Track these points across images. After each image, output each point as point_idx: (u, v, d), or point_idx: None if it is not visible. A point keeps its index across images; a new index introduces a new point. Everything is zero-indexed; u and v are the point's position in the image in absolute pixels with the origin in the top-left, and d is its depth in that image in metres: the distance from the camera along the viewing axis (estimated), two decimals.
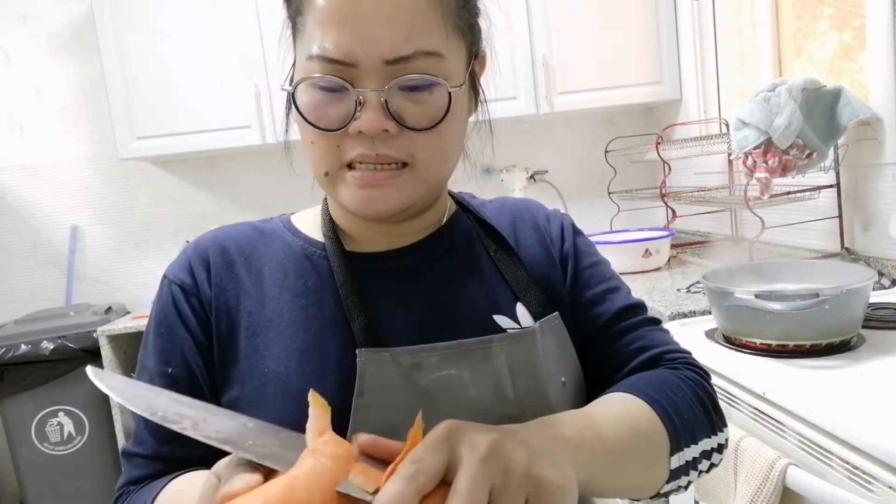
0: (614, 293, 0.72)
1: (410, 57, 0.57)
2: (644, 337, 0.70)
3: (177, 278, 0.67)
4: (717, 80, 2.56)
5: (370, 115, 0.57)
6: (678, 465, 0.60)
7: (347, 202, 0.61)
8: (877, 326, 1.31)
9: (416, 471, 0.39)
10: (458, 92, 0.61)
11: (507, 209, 0.76)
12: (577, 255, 0.73)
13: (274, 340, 0.63)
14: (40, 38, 2.85)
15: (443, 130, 0.60)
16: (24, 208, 2.93)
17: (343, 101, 0.58)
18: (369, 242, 0.69)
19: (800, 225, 1.96)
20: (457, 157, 0.67)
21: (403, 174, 0.60)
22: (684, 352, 0.71)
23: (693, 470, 0.62)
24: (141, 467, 0.64)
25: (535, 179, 3.00)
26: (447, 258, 0.69)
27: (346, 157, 0.60)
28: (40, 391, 2.54)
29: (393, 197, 0.60)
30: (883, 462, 0.85)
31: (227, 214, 2.98)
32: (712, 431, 0.64)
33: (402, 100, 0.58)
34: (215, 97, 2.59)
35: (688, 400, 0.63)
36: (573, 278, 0.71)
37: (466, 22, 0.63)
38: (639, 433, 0.58)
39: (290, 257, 0.68)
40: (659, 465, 0.59)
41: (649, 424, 0.59)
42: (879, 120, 1.65)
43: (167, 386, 0.63)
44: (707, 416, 0.64)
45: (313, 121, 0.59)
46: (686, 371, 0.67)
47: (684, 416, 0.61)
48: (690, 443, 0.61)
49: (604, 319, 0.70)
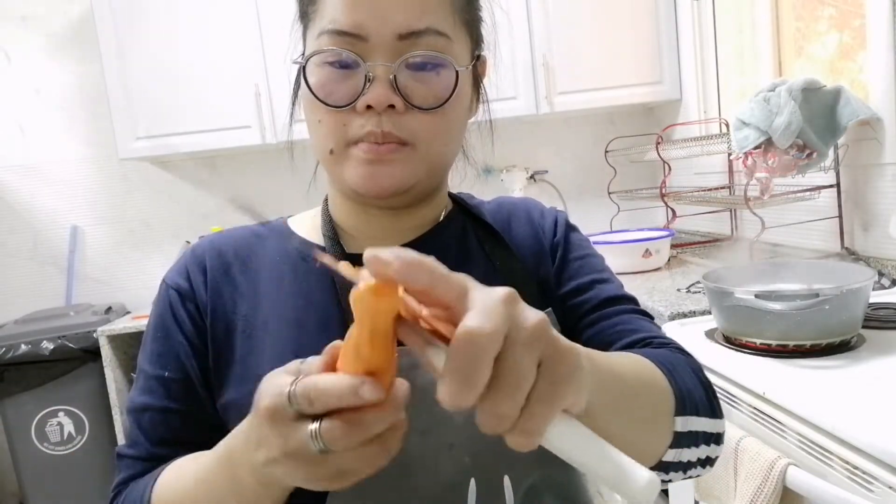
0: (603, 283, 0.71)
1: (422, 32, 0.58)
2: (631, 322, 0.69)
3: (174, 283, 0.68)
4: (717, 80, 2.56)
5: (378, 89, 0.58)
6: (682, 429, 0.57)
7: (351, 179, 0.62)
8: (877, 326, 1.31)
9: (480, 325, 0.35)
10: (464, 72, 0.62)
11: (504, 207, 0.76)
12: (567, 247, 0.73)
13: (269, 342, 0.63)
14: (40, 38, 2.85)
15: (446, 112, 0.61)
16: (24, 208, 2.93)
17: (352, 78, 0.59)
18: (368, 239, 0.69)
19: (800, 225, 1.96)
20: (458, 143, 0.68)
21: (405, 151, 0.61)
22: (673, 340, 0.69)
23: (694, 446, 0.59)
24: (135, 468, 0.64)
25: (535, 179, 3.00)
26: (443, 256, 0.69)
27: (353, 135, 0.60)
28: (40, 391, 2.54)
29: (395, 173, 0.61)
30: (883, 462, 0.85)
31: (227, 214, 2.98)
32: (712, 413, 0.62)
33: (409, 78, 0.59)
34: (215, 97, 2.59)
35: (690, 377, 0.62)
36: (559, 267, 0.71)
37: (471, 18, 0.65)
38: (646, 382, 0.56)
39: (286, 259, 0.68)
40: (663, 420, 0.56)
41: (656, 379, 0.57)
42: (879, 120, 1.65)
43: (163, 389, 0.64)
44: (708, 399, 0.62)
45: (322, 97, 0.60)
46: (681, 355, 0.66)
47: (689, 386, 0.60)
48: (694, 412, 0.59)
49: (589, 306, 0.69)
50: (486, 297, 0.36)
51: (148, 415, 0.64)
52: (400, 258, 0.36)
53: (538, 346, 0.37)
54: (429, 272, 0.37)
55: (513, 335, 0.36)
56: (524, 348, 0.36)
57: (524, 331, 0.36)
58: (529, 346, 0.36)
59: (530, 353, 0.36)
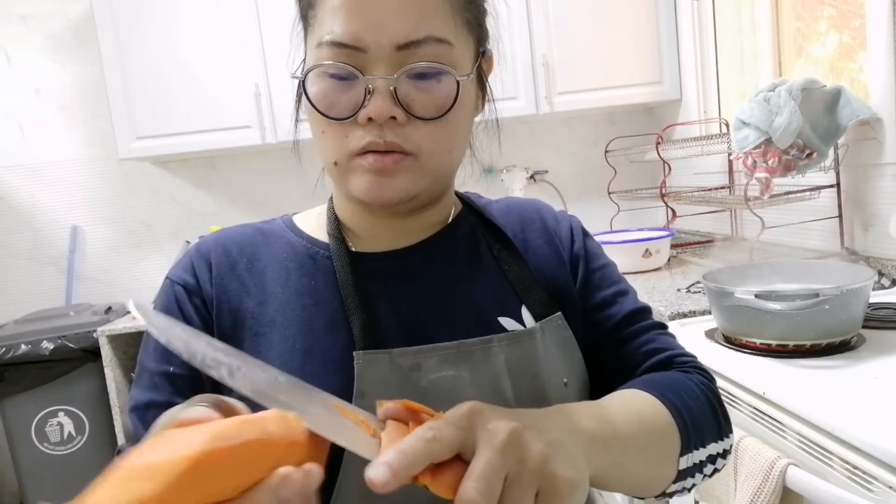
0: (623, 296, 0.72)
1: (421, 42, 0.58)
2: (655, 340, 0.70)
3: (179, 278, 0.67)
4: (717, 80, 2.56)
5: (378, 101, 0.57)
6: (686, 466, 0.61)
7: (356, 189, 0.62)
8: (877, 326, 1.31)
9: (433, 436, 0.40)
10: (466, 81, 0.61)
11: (515, 209, 0.76)
12: (588, 258, 0.73)
13: (276, 340, 0.63)
14: (40, 38, 2.85)
15: (449, 121, 0.60)
16: (24, 208, 2.93)
17: (352, 90, 0.59)
18: (374, 241, 0.69)
19: (800, 225, 1.96)
20: (462, 150, 0.67)
21: (409, 160, 0.60)
22: (692, 356, 0.72)
23: (699, 472, 0.62)
24: None
25: (535, 179, 3.00)
26: (451, 258, 0.69)
27: (355, 146, 0.60)
28: (40, 391, 2.54)
29: (399, 184, 0.60)
30: (883, 462, 0.85)
31: (227, 214, 2.98)
32: (719, 437, 0.64)
33: (410, 88, 0.58)
34: (215, 97, 2.59)
35: (699, 403, 0.64)
36: (584, 280, 0.72)
37: (474, 17, 0.64)
38: (652, 431, 0.58)
39: (292, 257, 0.68)
40: (668, 464, 0.59)
41: (662, 423, 0.59)
42: (879, 120, 1.65)
43: (168, 384, 0.64)
44: (716, 421, 0.65)
45: (323, 109, 0.60)
46: (696, 375, 0.68)
47: (696, 418, 0.62)
48: (699, 445, 0.62)
49: (614, 322, 0.70)
50: (486, 455, 0.40)
51: (153, 411, 0.64)
52: (393, 466, 0.38)
53: (538, 482, 0.42)
54: (426, 456, 0.40)
55: (512, 476, 0.41)
56: (525, 487, 0.41)
57: (526, 472, 0.41)
58: (530, 484, 0.41)
59: (531, 490, 0.41)
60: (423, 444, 0.39)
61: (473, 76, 0.64)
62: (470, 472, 0.40)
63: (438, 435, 0.40)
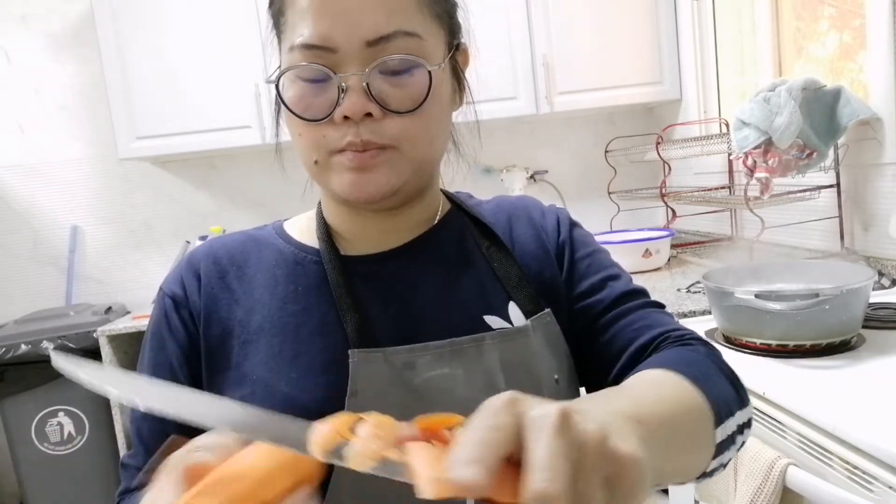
0: (614, 280, 0.70)
1: (391, 36, 0.58)
2: (647, 317, 0.68)
3: (169, 290, 0.68)
4: (717, 80, 2.56)
5: (353, 98, 0.58)
6: (722, 438, 0.57)
7: (338, 187, 0.62)
8: (877, 326, 1.31)
9: (493, 424, 0.34)
10: (439, 71, 0.61)
11: (504, 207, 0.75)
12: (573, 246, 0.72)
13: (264, 347, 0.63)
14: (40, 38, 2.85)
15: (425, 112, 0.60)
16: (24, 208, 2.93)
17: (326, 91, 0.59)
18: (363, 242, 0.69)
19: (800, 225, 1.96)
20: (443, 142, 0.67)
21: (389, 153, 0.60)
22: (690, 331, 0.68)
23: (732, 444, 0.59)
24: (135, 478, 0.64)
25: (534, 179, 3.00)
26: (439, 258, 0.69)
27: (334, 146, 0.60)
28: (40, 391, 2.53)
29: (380, 178, 0.60)
30: (883, 462, 0.85)
31: (227, 214, 2.98)
32: (741, 405, 0.61)
33: (383, 83, 0.59)
34: (215, 97, 2.59)
35: (715, 374, 0.61)
36: (569, 269, 0.71)
37: (444, 10, 0.64)
38: (685, 408, 0.54)
39: (281, 264, 0.68)
40: (706, 439, 0.55)
41: (691, 398, 0.55)
42: (879, 120, 1.65)
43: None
44: (734, 389, 0.61)
45: (299, 112, 0.60)
46: (701, 346, 0.65)
47: (717, 388, 0.59)
48: (729, 415, 0.58)
49: (603, 305, 0.68)
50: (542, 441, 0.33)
51: (147, 424, 0.65)
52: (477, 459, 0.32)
53: (603, 466, 0.35)
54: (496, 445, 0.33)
55: (576, 464, 0.34)
56: (590, 474, 0.34)
57: (587, 457, 0.34)
58: (595, 470, 0.34)
59: (597, 476, 0.35)
60: (488, 433, 0.33)
61: (446, 67, 0.64)
62: (530, 463, 0.33)
63: (493, 423, 0.34)
